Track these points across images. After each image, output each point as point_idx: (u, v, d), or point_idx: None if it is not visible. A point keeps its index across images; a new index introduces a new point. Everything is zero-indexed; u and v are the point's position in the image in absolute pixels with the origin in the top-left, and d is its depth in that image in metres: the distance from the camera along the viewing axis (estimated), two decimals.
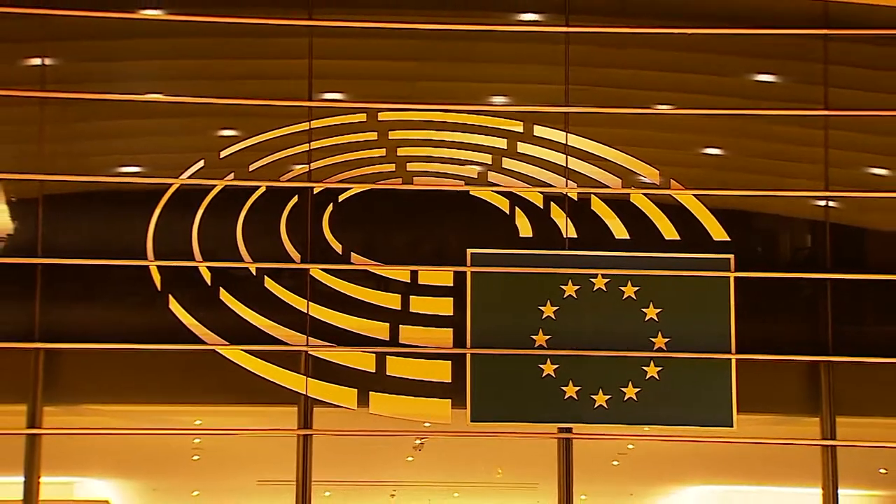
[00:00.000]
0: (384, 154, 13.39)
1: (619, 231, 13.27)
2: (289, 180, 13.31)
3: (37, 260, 13.12)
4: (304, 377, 12.99)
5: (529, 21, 13.89)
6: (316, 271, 13.13)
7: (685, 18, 13.75)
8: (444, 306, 13.12)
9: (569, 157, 13.48)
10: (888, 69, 14.24)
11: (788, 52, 13.95)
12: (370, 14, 13.70)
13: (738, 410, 13.01)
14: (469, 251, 13.15)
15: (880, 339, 13.52)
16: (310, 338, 13.07)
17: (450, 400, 13.00)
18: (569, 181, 13.40)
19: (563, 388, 12.91)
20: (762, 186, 13.89)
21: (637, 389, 12.95)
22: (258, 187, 13.23)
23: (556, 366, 12.99)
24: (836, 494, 13.24)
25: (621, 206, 13.44)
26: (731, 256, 13.25)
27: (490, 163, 13.45)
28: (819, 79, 13.82)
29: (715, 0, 13.91)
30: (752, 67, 14.12)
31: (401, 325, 13.15)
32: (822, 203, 13.74)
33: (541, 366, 12.97)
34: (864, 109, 13.90)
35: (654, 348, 13.02)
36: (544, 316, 13.01)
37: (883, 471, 13.98)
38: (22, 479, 12.81)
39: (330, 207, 13.25)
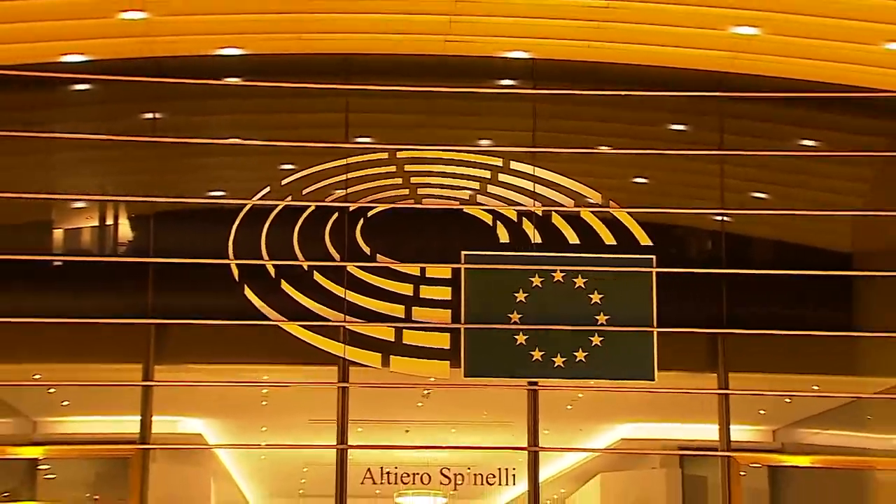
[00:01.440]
0: (401, 182, 13.94)
1: (573, 238, 13.80)
2: (331, 201, 13.82)
3: (149, 259, 13.76)
4: (343, 345, 13.51)
5: (507, 84, 14.37)
6: (351, 268, 13.64)
7: (622, 83, 14.09)
8: (445, 293, 13.65)
9: (536, 185, 14.02)
10: (765, 121, 14.56)
11: (695, 108, 14.25)
12: (390, 79, 14.07)
13: (658, 368, 13.53)
14: (463, 253, 13.68)
15: (761, 318, 13.87)
16: (346, 316, 13.57)
17: (449, 361, 13.56)
18: (536, 202, 13.97)
19: (532, 352, 13.48)
20: (676, 205, 14.35)
21: (585, 353, 13.49)
22: (309, 206, 13.75)
23: (526, 336, 13.53)
24: (728, 429, 13.70)
25: (574, 220, 13.89)
26: (654, 257, 13.72)
27: (478, 188, 13.96)
28: (716, 128, 14.29)
29: (644, 70, 13.96)
30: (670, 119, 14.50)
31: (413, 307, 13.63)
32: (719, 218, 14.30)
33: (515, 336, 13.53)
34: (749, 150, 14.39)
35: (598, 324, 13.55)
36: (518, 300, 13.57)
37: (762, 412, 14.51)
38: (139, 417, 13.43)
39: (361, 221, 13.77)
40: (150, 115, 14.17)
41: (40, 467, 14.28)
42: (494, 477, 14.52)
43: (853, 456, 14.67)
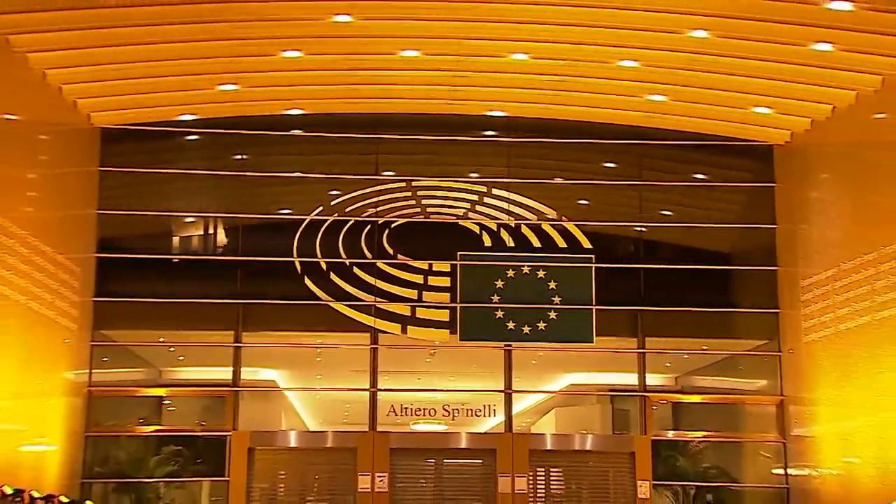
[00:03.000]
0: (414, 203, 14.55)
1: (536, 242, 14.46)
2: (366, 216, 14.38)
3: (238, 258, 14.34)
4: (373, 318, 14.16)
5: (490, 134, 14.81)
6: (380, 263, 14.28)
7: (570, 134, 14.44)
8: (445, 282, 14.30)
9: (510, 205, 14.57)
10: (670, 161, 14.67)
11: (622, 152, 14.70)
12: (407, 131, 14.45)
13: (596, 334, 14.15)
14: (458, 253, 14.33)
15: (667, 299, 14.29)
16: (376, 297, 14.17)
17: (448, 329, 14.25)
18: (510, 217, 14.51)
19: (507, 323, 14.17)
20: (608, 220, 14.84)
21: (545, 324, 14.15)
22: (350, 220, 14.35)
23: (503, 312, 14.21)
24: (644, 376, 14.34)
25: (537, 229, 14.50)
26: (593, 256, 14.34)
27: (469, 207, 14.57)
28: (637, 165, 14.77)
29: (586, 125, 14.19)
30: (604, 159, 14.89)
31: (423, 291, 14.28)
32: (639, 228, 14.79)
33: (495, 312, 14.22)
34: (659, 181, 14.74)
35: (554, 303, 14.19)
36: (497, 286, 14.25)
37: (668, 364, 15.09)
38: (232, 368, 14.05)
39: (387, 230, 14.40)
40: (238, 157, 14.61)
41: (164, 402, 14.77)
42: (480, 411, 14.92)
43: (729, 395, 15.24)
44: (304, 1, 11.07)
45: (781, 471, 14.20)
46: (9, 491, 9.39)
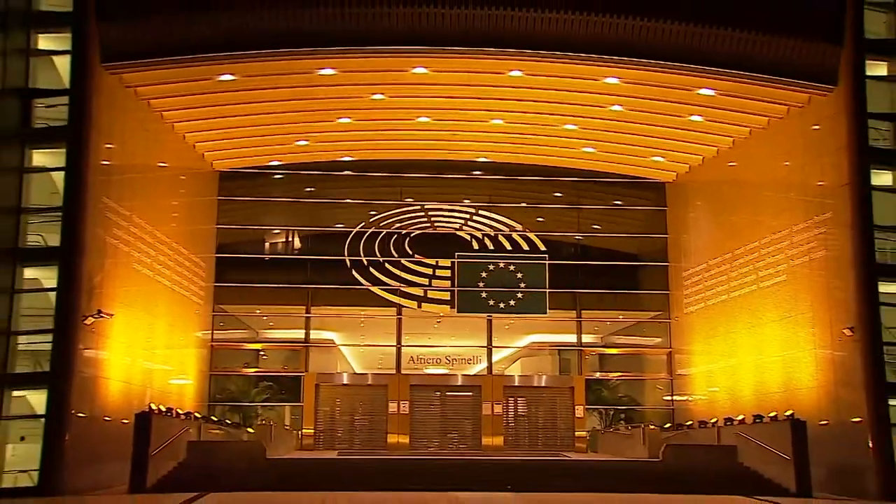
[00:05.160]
0: (426, 220, 15.29)
1: (508, 246, 15.25)
2: (394, 229, 15.08)
3: (307, 256, 14.75)
4: (399, 297, 14.91)
5: (477, 173, 15.39)
6: (403, 261, 15.02)
7: (531, 173, 15.01)
8: (447, 273, 15.07)
9: (491, 221, 15.26)
10: (598, 192, 15.33)
11: (566, 185, 15.34)
12: (421, 171, 15.09)
13: (549, 308, 14.93)
14: (456, 254, 15.09)
15: (597, 284, 14.82)
16: (400, 284, 14.87)
17: (449, 305, 14.99)
18: (491, 229, 15.21)
19: (489, 301, 14.98)
20: (556, 232, 15.46)
21: (514, 302, 14.95)
22: (382, 231, 15.08)
23: (486, 294, 14.96)
24: (581, 336, 15.34)
25: (509, 238, 15.24)
26: (546, 255, 15.13)
27: (463, 222, 15.31)
28: (576, 195, 15.47)
29: (542, 167, 14.80)
30: (554, 190, 15.50)
31: (432, 280, 15.07)
32: (578, 237, 15.56)
33: (482, 294, 14.96)
34: (592, 205, 15.43)
35: (521, 287, 14.95)
36: (483, 276, 15.03)
37: (596, 328, 15.89)
38: (304, 331, 14.84)
39: (407, 238, 15.13)
40: (309, 189, 15.35)
41: (261, 353, 15.67)
42: (471, 360, 15.83)
43: (636, 348, 16.19)
44: (350, 86, 12.25)
45: (669, 398, 15.29)
46: (163, 409, 10.72)
